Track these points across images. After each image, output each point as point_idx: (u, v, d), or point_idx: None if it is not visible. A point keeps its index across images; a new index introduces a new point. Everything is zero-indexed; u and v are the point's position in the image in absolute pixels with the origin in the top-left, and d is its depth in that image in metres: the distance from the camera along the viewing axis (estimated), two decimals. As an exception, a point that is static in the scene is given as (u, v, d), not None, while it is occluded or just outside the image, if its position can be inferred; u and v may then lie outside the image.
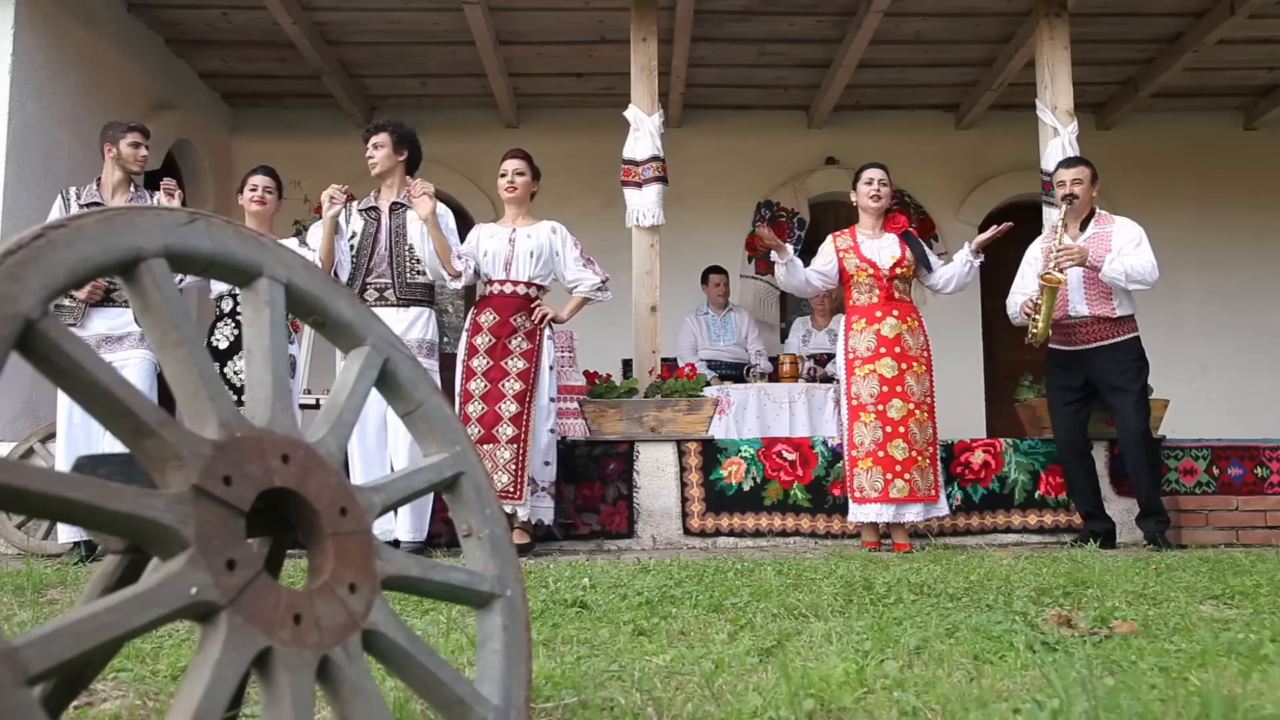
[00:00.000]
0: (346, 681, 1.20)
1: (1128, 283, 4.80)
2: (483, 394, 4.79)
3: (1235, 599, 2.93)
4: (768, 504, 5.29)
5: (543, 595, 2.95)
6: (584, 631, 2.43)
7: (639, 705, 1.69)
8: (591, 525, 5.27)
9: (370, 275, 4.92)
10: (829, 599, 2.88)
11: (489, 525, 1.52)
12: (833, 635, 2.32)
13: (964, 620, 2.43)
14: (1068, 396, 4.99)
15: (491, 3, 6.62)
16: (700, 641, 2.30)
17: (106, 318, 4.87)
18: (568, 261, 5.00)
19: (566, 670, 1.92)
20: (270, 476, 1.23)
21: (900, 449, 4.60)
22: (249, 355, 1.33)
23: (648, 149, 5.73)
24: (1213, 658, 2.04)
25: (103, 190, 4.94)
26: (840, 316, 5.25)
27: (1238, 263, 8.64)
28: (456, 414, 4.92)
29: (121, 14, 6.79)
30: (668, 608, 2.73)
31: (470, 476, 1.53)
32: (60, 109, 6.07)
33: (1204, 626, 2.43)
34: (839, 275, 4.94)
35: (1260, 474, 5.32)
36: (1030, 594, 2.92)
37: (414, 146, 5.06)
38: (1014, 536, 5.30)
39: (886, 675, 1.89)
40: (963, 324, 8.47)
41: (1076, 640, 2.23)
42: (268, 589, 1.16)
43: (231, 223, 1.35)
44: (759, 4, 6.76)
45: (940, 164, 8.68)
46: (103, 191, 4.93)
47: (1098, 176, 5.07)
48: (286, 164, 8.13)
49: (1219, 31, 6.90)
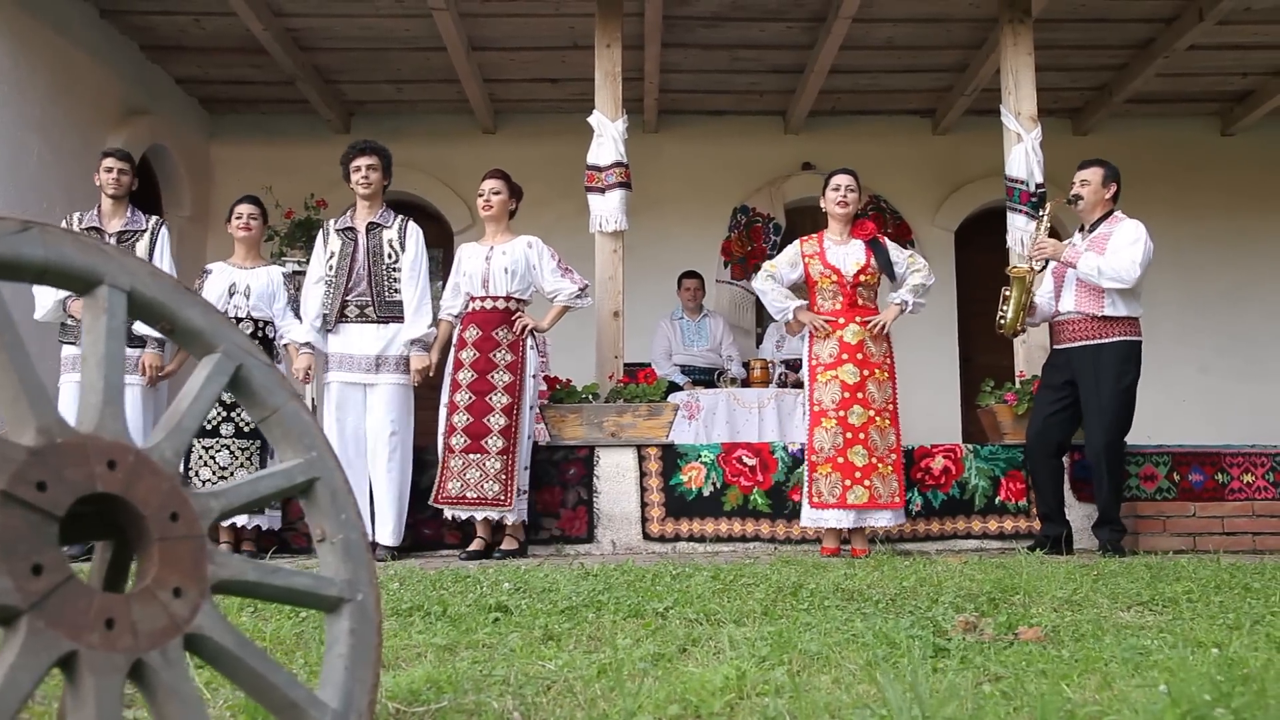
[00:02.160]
0: (162, 685, 1.21)
1: (1101, 279, 4.78)
2: (468, 405, 4.96)
3: (1160, 605, 2.94)
4: (727, 509, 5.30)
5: (470, 599, 2.96)
6: (493, 636, 2.44)
7: (507, 710, 1.70)
8: (551, 530, 5.28)
9: (350, 294, 5.05)
10: (753, 605, 2.89)
11: (343, 530, 1.53)
12: (738, 641, 2.33)
13: (872, 626, 2.44)
14: (1049, 395, 4.98)
15: (461, 8, 6.64)
16: (603, 647, 2.30)
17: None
18: (545, 273, 5.12)
19: (450, 675, 1.93)
20: (93, 482, 1.24)
21: (860, 455, 4.61)
22: (84, 361, 1.34)
23: (611, 155, 5.75)
24: (1100, 664, 2.05)
25: (101, 216, 5.19)
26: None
27: (1214, 268, 8.64)
28: (316, 421, 4.84)
29: (94, 20, 6.81)
30: (587, 613, 2.74)
31: (326, 482, 1.54)
32: (29, 114, 6.09)
33: (1112, 633, 2.43)
34: (804, 280, 4.95)
35: (1221, 480, 5.31)
36: (955, 600, 2.93)
37: (391, 171, 5.27)
38: (974, 543, 5.30)
39: (769, 682, 1.90)
40: (938, 328, 8.48)
41: (976, 646, 2.24)
42: (78, 593, 1.17)
43: (71, 231, 1.37)
44: (728, 10, 6.77)
45: (917, 169, 8.69)
46: (101, 217, 5.18)
47: (1115, 178, 5.02)
48: (264, 169, 8.19)
49: (1189, 37, 6.91)
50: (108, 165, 5.18)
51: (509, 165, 8.55)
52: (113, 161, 5.19)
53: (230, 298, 5.17)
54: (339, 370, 5.01)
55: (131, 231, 5.17)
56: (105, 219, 5.16)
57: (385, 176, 5.16)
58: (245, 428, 4.89)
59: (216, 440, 4.87)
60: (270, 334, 5.27)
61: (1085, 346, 4.84)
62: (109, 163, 5.19)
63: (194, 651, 1.29)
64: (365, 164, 5.08)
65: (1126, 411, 4.82)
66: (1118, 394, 4.74)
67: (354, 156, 5.13)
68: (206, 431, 4.85)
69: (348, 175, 5.15)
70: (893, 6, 6.69)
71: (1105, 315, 4.82)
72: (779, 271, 4.98)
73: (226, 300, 5.16)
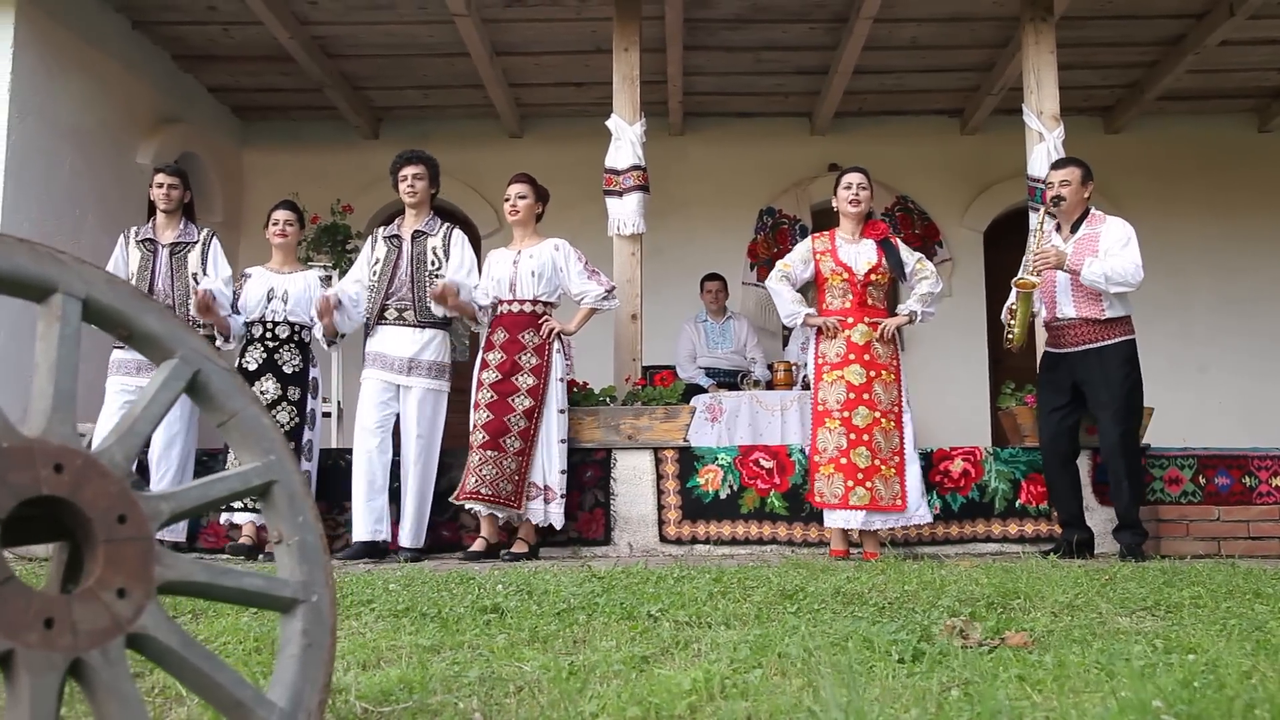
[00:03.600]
0: (102, 684, 1.24)
1: (1108, 285, 4.72)
2: (489, 404, 5.00)
3: (1164, 611, 2.90)
4: (744, 512, 5.29)
5: (467, 600, 2.98)
6: (480, 638, 2.46)
7: (469, 710, 1.71)
8: (569, 532, 5.30)
9: (391, 298, 5.17)
10: (748, 608, 2.89)
11: (300, 532, 1.56)
12: (721, 644, 2.33)
13: (857, 630, 2.43)
14: (1055, 401, 4.93)
15: (483, 14, 6.69)
16: (585, 649, 2.32)
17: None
18: (572, 275, 5.16)
19: (423, 675, 1.95)
20: (38, 485, 1.28)
21: (863, 457, 4.58)
22: (36, 368, 1.38)
23: (629, 158, 5.77)
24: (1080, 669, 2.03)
25: (155, 229, 5.39)
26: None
27: (1250, 268, 8.47)
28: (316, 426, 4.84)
29: (126, 31, 6.94)
30: (579, 615, 2.75)
31: (283, 485, 1.57)
32: (62, 124, 6.23)
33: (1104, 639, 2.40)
34: (814, 277, 4.93)
35: (1248, 484, 5.21)
36: (953, 604, 2.90)
37: (438, 180, 5.43)
38: (994, 546, 5.24)
39: (738, 685, 1.90)
40: (967, 330, 8.41)
41: (957, 651, 2.22)
42: (17, 593, 1.20)
43: (26, 241, 1.40)
44: (749, 12, 6.77)
45: (944, 170, 8.61)
46: (156, 230, 5.39)
47: (1091, 176, 4.98)
48: (295, 175, 8.30)
49: (1220, 33, 6.79)
50: (159, 181, 5.38)
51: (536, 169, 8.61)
52: (164, 177, 5.38)
53: (269, 302, 5.30)
54: (374, 368, 5.12)
55: (184, 243, 5.32)
56: (159, 231, 5.36)
57: (432, 185, 5.31)
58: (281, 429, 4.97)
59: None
60: (307, 338, 5.38)
61: (1089, 350, 4.80)
62: (160, 178, 5.39)
63: (138, 651, 1.31)
64: (412, 173, 5.23)
65: (1137, 412, 4.78)
66: (1127, 393, 4.71)
67: (401, 166, 5.27)
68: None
69: (396, 184, 5.28)
70: (915, 6, 6.65)
71: (1107, 318, 4.77)
72: (793, 271, 4.97)
73: (265, 304, 5.29)
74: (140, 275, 5.24)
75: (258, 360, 5.25)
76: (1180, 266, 8.45)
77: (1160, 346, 8.30)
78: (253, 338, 5.30)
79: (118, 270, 5.28)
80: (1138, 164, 8.45)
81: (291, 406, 5.20)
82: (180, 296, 5.23)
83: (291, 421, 5.18)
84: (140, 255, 5.28)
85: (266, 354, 5.25)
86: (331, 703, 1.84)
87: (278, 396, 5.18)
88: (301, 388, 5.27)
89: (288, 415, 5.18)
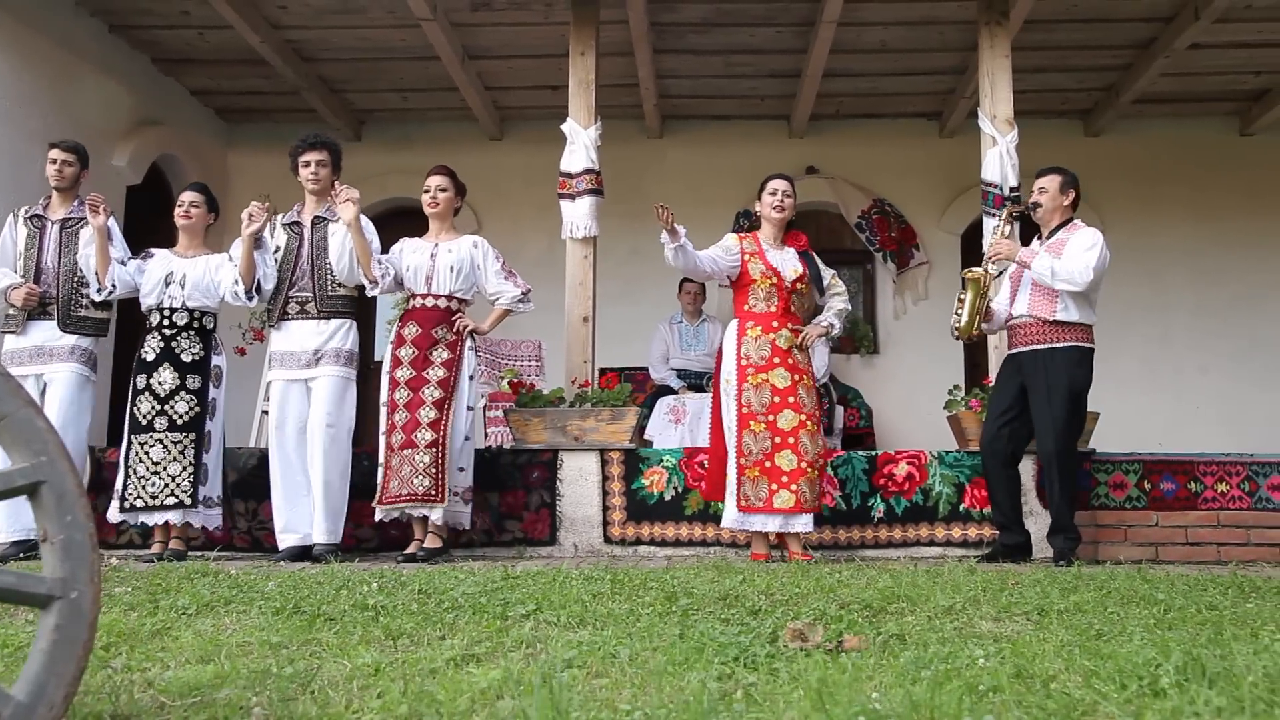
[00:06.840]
0: None
1: (1054, 280, 4.73)
2: (406, 402, 4.93)
3: (1036, 615, 2.91)
4: (688, 514, 5.33)
5: (354, 599, 3.04)
6: (340, 636, 2.52)
7: (249, 705, 1.77)
8: (514, 532, 5.36)
9: (292, 289, 5.10)
10: (628, 608, 2.93)
11: (65, 531, 1.62)
12: (565, 644, 2.38)
13: (707, 632, 2.46)
14: (1001, 403, 4.93)
15: (451, 18, 6.77)
16: (418, 646, 2.37)
17: (42, 330, 5.14)
18: (489, 274, 5.14)
19: (232, 672, 2.01)
20: None
21: (789, 460, 4.59)
22: None
23: (583, 161, 5.83)
24: (894, 671, 2.06)
25: (49, 206, 5.34)
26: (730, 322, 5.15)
27: (1232, 271, 8.42)
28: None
29: (103, 34, 7.07)
30: (451, 615, 2.80)
31: (52, 485, 1.63)
32: (32, 127, 6.34)
33: (937, 644, 2.43)
34: (739, 277, 4.94)
35: (1193, 489, 5.19)
36: (830, 608, 2.93)
37: (340, 167, 5.28)
38: (937, 550, 5.25)
39: (544, 683, 1.95)
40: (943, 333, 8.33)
41: (782, 654, 2.26)
42: None
43: None
44: (715, 15, 6.80)
45: (923, 172, 8.61)
46: (49, 207, 5.34)
47: (1073, 185, 4.96)
48: (279, 177, 8.35)
49: (1188, 36, 6.76)
50: (51, 157, 5.27)
51: (516, 172, 8.75)
52: (57, 153, 5.26)
53: (166, 287, 5.07)
54: (279, 368, 5.05)
55: (76, 219, 5.23)
56: (52, 208, 5.28)
57: (335, 172, 5.16)
58: (178, 420, 4.92)
59: (150, 435, 4.90)
60: (209, 325, 5.15)
61: (1037, 351, 4.79)
62: (54, 154, 5.27)
63: None
64: (315, 159, 5.10)
65: (1077, 418, 4.75)
66: (1068, 399, 4.68)
67: (303, 151, 5.13)
68: (141, 427, 4.91)
69: (296, 169, 5.16)
70: (878, 10, 6.66)
71: (1057, 320, 4.75)
72: (712, 251, 4.99)
73: (162, 289, 5.07)
74: (28, 252, 5.17)
75: (155, 350, 5.02)
76: (1160, 270, 8.42)
77: (1139, 350, 8.30)
78: (152, 326, 5.08)
79: (4, 249, 5.22)
80: (1117, 167, 8.42)
81: (191, 396, 4.95)
82: (68, 272, 5.15)
83: (190, 412, 4.94)
84: (28, 232, 5.20)
85: (164, 342, 5.01)
86: (133, 695, 1.90)
87: (175, 386, 4.94)
88: (202, 376, 5.02)
89: (186, 405, 4.94)
